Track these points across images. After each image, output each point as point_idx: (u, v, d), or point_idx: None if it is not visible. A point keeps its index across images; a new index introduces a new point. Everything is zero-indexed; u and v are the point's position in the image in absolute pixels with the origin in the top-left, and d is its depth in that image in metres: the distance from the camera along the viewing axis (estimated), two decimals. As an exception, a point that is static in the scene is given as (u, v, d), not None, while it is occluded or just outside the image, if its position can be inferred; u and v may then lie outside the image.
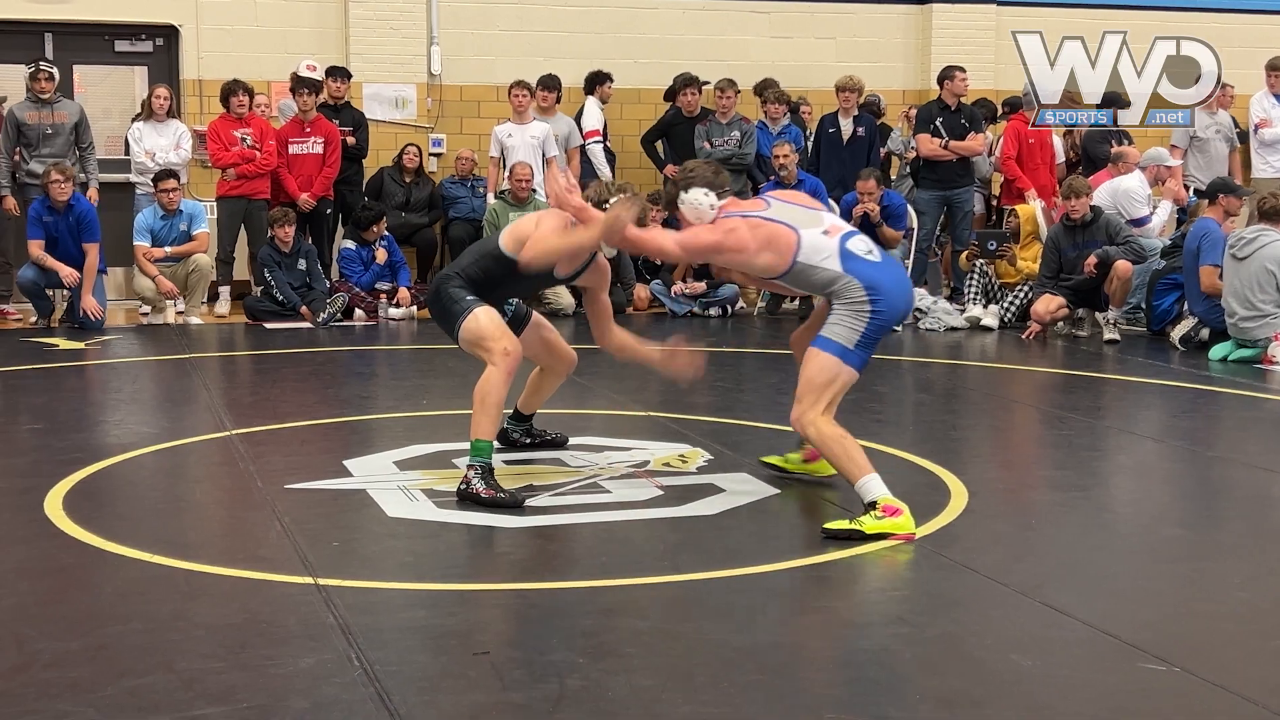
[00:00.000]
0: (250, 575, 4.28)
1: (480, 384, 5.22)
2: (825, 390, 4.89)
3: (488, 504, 5.03)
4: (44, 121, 10.64)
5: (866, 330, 4.86)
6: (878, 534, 4.69)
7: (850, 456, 4.87)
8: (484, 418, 5.17)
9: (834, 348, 4.87)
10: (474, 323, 5.26)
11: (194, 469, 6.09)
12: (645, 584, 4.25)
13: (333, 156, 11.21)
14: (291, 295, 10.58)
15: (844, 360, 4.87)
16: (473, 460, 5.15)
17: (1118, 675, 3.56)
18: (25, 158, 10.67)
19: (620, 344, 5.74)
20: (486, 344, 5.24)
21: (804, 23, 13.31)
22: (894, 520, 4.72)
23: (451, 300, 5.33)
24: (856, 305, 4.86)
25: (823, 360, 4.88)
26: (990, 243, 10.61)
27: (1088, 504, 5.39)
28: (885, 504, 4.76)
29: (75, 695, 3.34)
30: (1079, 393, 7.96)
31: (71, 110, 10.78)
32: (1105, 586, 4.34)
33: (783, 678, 3.56)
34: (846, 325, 4.87)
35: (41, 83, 10.64)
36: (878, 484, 4.81)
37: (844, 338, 4.87)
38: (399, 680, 3.42)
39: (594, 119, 11.95)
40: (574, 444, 6.11)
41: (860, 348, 4.88)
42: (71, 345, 9.35)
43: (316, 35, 12.26)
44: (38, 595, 4.15)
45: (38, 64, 10.80)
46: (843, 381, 4.92)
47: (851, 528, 4.72)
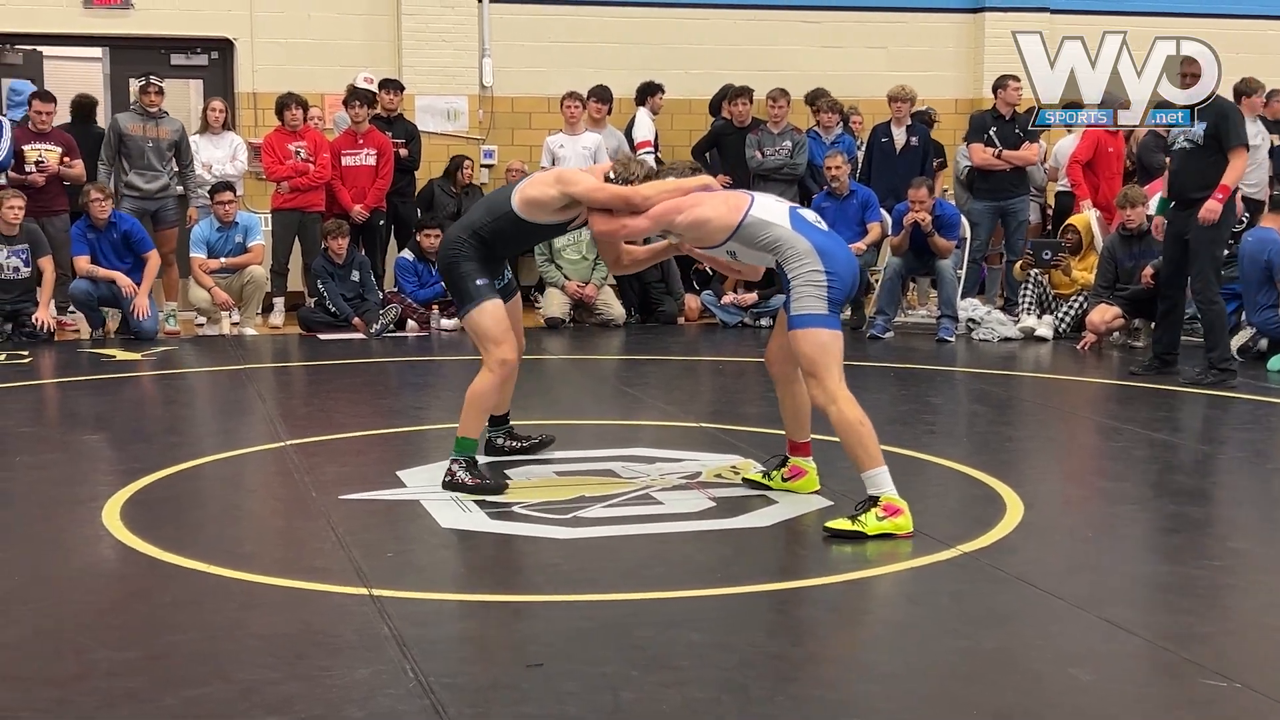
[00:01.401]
0: (305, 586, 4.30)
1: (473, 388, 5.56)
2: (827, 359, 4.97)
3: (473, 491, 5.34)
4: (147, 135, 10.80)
5: (830, 296, 4.98)
6: (879, 534, 4.77)
7: (864, 444, 4.92)
8: (471, 419, 5.55)
9: (812, 320, 4.98)
10: (481, 317, 5.53)
11: (250, 479, 6.14)
12: (699, 596, 4.24)
13: (385, 168, 11.28)
14: (344, 306, 10.65)
15: (827, 326, 4.98)
16: (456, 455, 5.49)
17: (1177, 690, 3.52)
18: (125, 169, 10.82)
19: (634, 258, 5.77)
20: (486, 345, 5.56)
21: (855, 32, 13.27)
22: (894, 520, 4.81)
23: (463, 278, 5.54)
24: (812, 275, 4.99)
25: (810, 336, 4.98)
26: (1045, 252, 10.53)
27: (1145, 516, 5.33)
28: (888, 502, 4.83)
29: (133, 704, 3.37)
30: (1135, 404, 7.88)
31: (174, 127, 10.94)
32: (1164, 600, 4.30)
33: (838, 691, 3.54)
34: (811, 295, 4.99)
35: (151, 96, 10.81)
36: (886, 478, 4.89)
37: (815, 307, 4.98)
38: (453, 692, 3.43)
39: (645, 130, 11.96)
40: (626, 455, 6.11)
41: (833, 310, 5.00)
42: (128, 356, 9.44)
43: (369, 48, 12.34)
44: (96, 605, 4.19)
45: (148, 77, 10.97)
46: (837, 346, 5.02)
47: (854, 529, 4.80)
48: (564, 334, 10.76)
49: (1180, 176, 8.33)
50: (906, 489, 5.62)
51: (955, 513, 5.43)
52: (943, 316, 10.50)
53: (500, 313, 5.54)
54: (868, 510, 4.83)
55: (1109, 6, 12.91)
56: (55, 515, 5.24)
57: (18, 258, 10.19)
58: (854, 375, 8.56)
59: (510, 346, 5.57)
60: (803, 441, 5.44)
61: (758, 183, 11.40)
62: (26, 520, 5.21)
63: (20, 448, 6.51)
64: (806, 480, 5.43)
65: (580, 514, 5.13)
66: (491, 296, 5.52)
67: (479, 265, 5.53)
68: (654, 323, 11.20)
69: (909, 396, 8.30)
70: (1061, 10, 13.26)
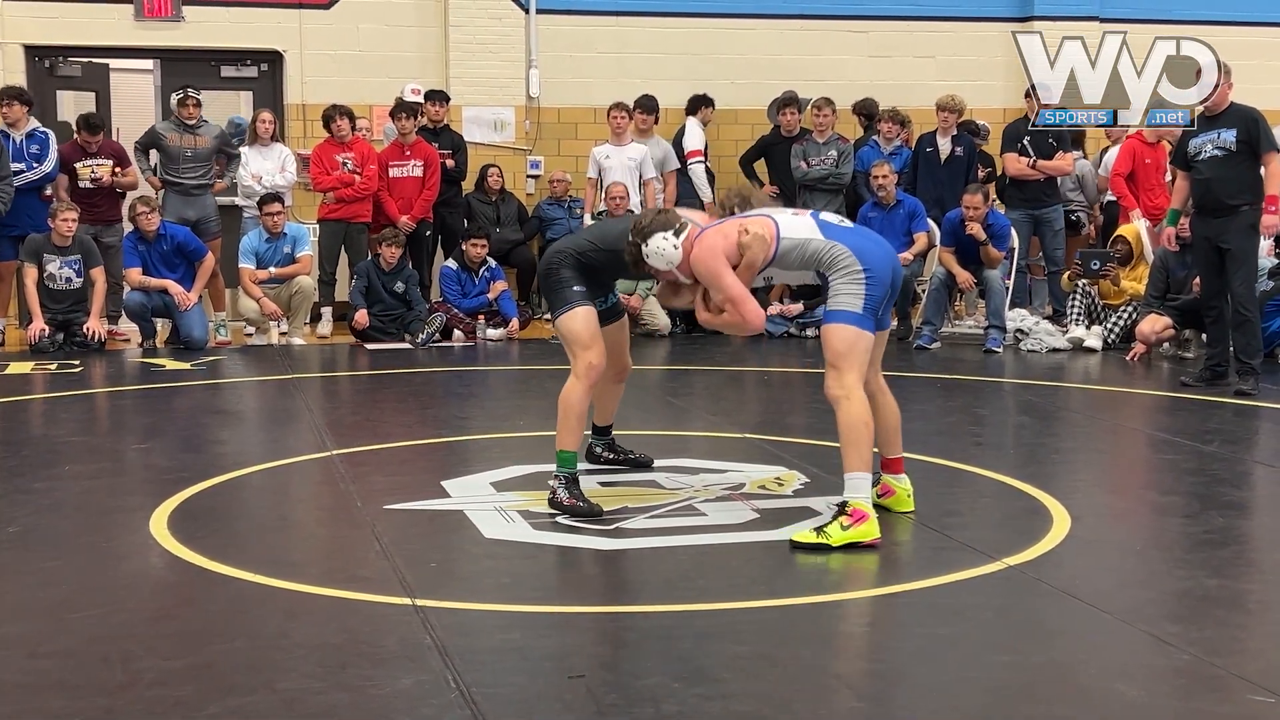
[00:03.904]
0: (350, 595, 4.32)
1: (563, 396, 5.44)
2: (851, 357, 4.96)
3: (569, 512, 5.23)
4: (185, 145, 10.99)
5: (868, 295, 4.96)
6: (844, 544, 4.79)
7: (859, 446, 4.93)
8: (566, 430, 5.41)
9: (845, 316, 4.97)
10: (572, 321, 5.48)
11: (296, 489, 6.18)
12: (742, 608, 4.23)
13: (432, 179, 11.34)
14: (359, 300, 10.74)
15: (859, 326, 4.96)
16: (558, 471, 5.37)
17: (1226, 706, 3.48)
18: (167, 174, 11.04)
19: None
20: (575, 349, 5.47)
21: (903, 41, 13.22)
22: (858, 528, 4.82)
23: (561, 284, 5.53)
24: (851, 273, 4.98)
25: (840, 331, 4.97)
26: (1094, 262, 10.45)
27: (1194, 530, 5.28)
28: (855, 507, 4.85)
29: (180, 713, 3.40)
30: (1185, 415, 7.81)
31: (212, 133, 11.18)
32: (1212, 615, 4.24)
33: (882, 705, 3.53)
34: (848, 293, 4.98)
35: (190, 108, 11.01)
36: (865, 485, 4.91)
37: (850, 305, 4.97)
38: (495, 702, 3.44)
39: (695, 139, 11.98)
40: (669, 465, 6.11)
41: (868, 312, 4.98)
42: (177, 365, 9.53)
43: (417, 60, 12.42)
44: (143, 613, 4.23)
45: (185, 90, 11.18)
46: (864, 346, 4.99)
47: (819, 541, 4.81)
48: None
49: (1212, 185, 8.24)
50: (952, 500, 5.62)
51: (1001, 525, 5.39)
52: (990, 327, 10.44)
53: (592, 319, 5.50)
54: (835, 519, 4.86)
55: (1160, 15, 12.81)
56: (104, 524, 5.29)
57: (70, 268, 10.32)
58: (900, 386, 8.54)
59: (598, 351, 5.47)
60: (894, 458, 5.37)
61: (803, 193, 11.38)
62: (76, 529, 5.26)
63: (70, 457, 6.58)
64: (897, 499, 5.34)
65: (623, 525, 5.14)
66: (585, 303, 5.50)
67: (577, 275, 5.53)
68: (699, 333, 11.18)
69: (955, 408, 8.25)
70: (1113, 19, 13.15)
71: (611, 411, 6.11)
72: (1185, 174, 8.45)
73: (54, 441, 7.16)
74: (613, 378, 5.96)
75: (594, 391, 5.67)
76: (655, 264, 5.20)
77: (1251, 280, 8.35)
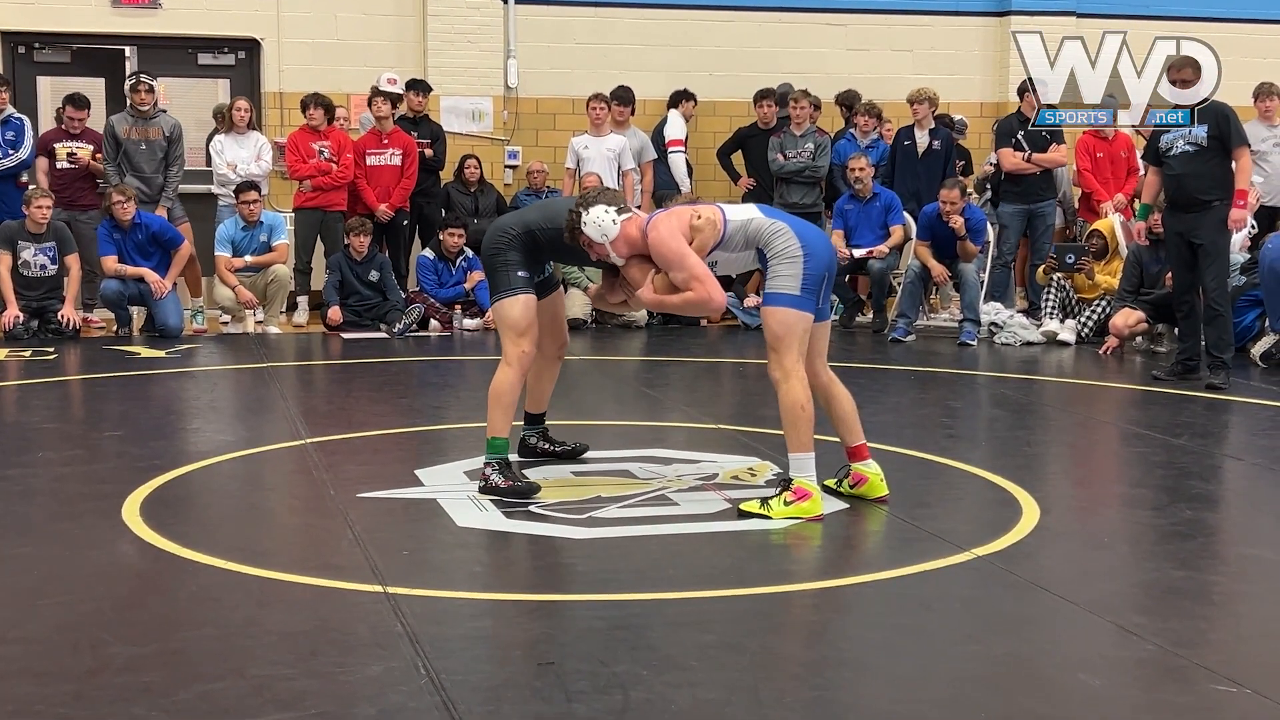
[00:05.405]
0: (321, 583, 4.33)
1: (494, 384, 5.51)
2: (790, 339, 5.09)
3: (508, 494, 5.30)
4: (138, 137, 10.80)
5: (806, 274, 5.08)
6: (785, 518, 4.99)
7: (799, 427, 5.10)
8: (496, 417, 5.47)
9: (783, 299, 5.10)
10: (513, 308, 5.50)
11: (269, 477, 6.18)
12: (712, 597, 4.25)
13: (410, 168, 11.33)
14: (332, 295, 10.73)
15: (797, 307, 5.09)
16: (488, 458, 5.42)
17: (1187, 697, 3.52)
18: (124, 170, 10.83)
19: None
20: (510, 336, 5.52)
21: (881, 35, 13.26)
22: (800, 505, 5.03)
23: (506, 265, 5.52)
24: (789, 254, 5.10)
25: (778, 314, 5.11)
26: (1068, 256, 10.50)
27: (1162, 522, 5.32)
28: (799, 485, 5.05)
29: (148, 700, 3.40)
30: (1156, 409, 7.86)
31: (165, 124, 10.90)
32: (1177, 606, 4.28)
33: (847, 694, 3.55)
34: (785, 275, 5.10)
35: (141, 94, 10.79)
36: (809, 465, 5.09)
37: (788, 287, 5.09)
38: (464, 689, 3.45)
39: (677, 129, 12.03)
40: (643, 455, 6.13)
41: (806, 292, 5.09)
42: (152, 353, 9.51)
43: (395, 48, 12.40)
44: (114, 600, 4.23)
45: (137, 75, 10.93)
46: (802, 326, 5.12)
47: (760, 512, 5.04)
48: (585, 335, 10.79)
49: (1183, 180, 8.29)
50: (923, 492, 5.66)
51: (971, 516, 5.43)
52: (965, 320, 10.49)
53: (532, 308, 5.51)
54: (779, 494, 5.06)
55: (1136, 10, 12.87)
56: (76, 511, 5.29)
57: (45, 255, 10.29)
58: (875, 378, 8.62)
59: (531, 340, 5.52)
60: (856, 445, 5.40)
61: (780, 185, 11.41)
62: (48, 516, 5.26)
63: (43, 443, 6.57)
64: (871, 485, 5.37)
65: (596, 514, 5.15)
66: (527, 291, 5.51)
67: (522, 258, 5.53)
68: (675, 324, 11.21)
69: (929, 400, 8.30)
70: (1089, 14, 13.21)
71: (546, 396, 6.06)
72: (1157, 169, 8.51)
73: (27, 428, 7.14)
74: (553, 354, 5.98)
75: (532, 372, 5.73)
76: (590, 233, 5.24)
77: (1223, 275, 8.41)
